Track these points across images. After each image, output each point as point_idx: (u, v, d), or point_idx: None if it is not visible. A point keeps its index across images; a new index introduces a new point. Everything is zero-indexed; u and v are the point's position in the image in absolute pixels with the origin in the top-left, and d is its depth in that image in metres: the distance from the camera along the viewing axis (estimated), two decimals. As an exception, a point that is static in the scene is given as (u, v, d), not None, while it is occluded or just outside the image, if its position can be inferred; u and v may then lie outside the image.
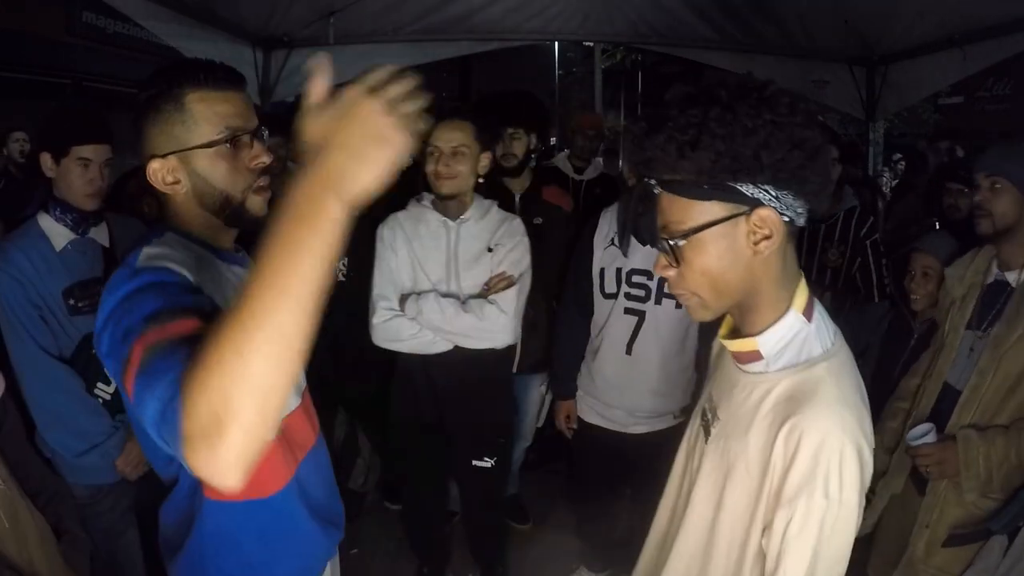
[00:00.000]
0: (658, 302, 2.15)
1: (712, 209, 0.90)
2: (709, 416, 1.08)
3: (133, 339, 0.87)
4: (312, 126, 0.71)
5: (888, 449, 2.03)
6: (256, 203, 1.13)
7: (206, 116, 1.07)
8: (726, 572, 1.00)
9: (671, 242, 0.93)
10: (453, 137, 2.05)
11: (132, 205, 2.41)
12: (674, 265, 0.95)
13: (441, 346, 2.11)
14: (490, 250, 2.15)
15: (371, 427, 2.83)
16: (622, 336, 2.20)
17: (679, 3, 3.66)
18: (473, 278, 2.14)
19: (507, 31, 4.02)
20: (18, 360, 1.77)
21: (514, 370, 2.68)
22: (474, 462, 2.29)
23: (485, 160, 2.12)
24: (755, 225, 0.90)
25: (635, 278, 2.18)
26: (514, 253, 2.16)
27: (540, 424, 2.97)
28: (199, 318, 0.88)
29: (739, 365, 1.02)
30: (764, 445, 0.93)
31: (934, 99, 10.03)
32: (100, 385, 1.86)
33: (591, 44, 14.15)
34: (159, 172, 1.09)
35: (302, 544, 1.27)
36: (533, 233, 2.30)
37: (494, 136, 2.31)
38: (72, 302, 1.83)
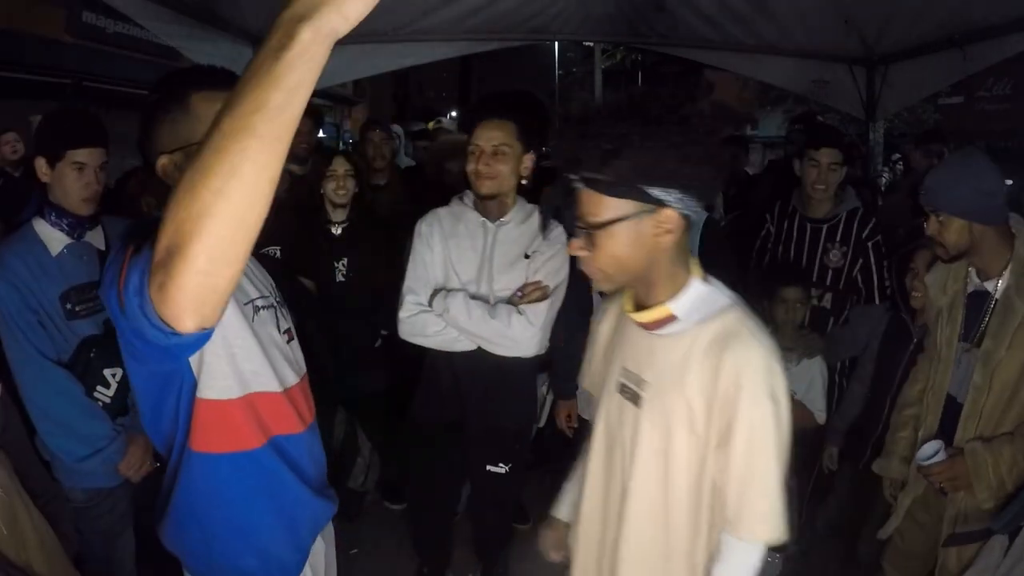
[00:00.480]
0: None
1: (624, 206, 1.08)
2: (633, 386, 1.24)
3: (127, 250, 0.92)
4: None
5: (904, 459, 2.03)
6: None
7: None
8: (691, 510, 1.17)
9: (587, 230, 1.10)
10: (494, 136, 2.01)
11: (132, 204, 2.41)
12: (588, 249, 1.12)
13: (464, 344, 2.09)
14: (527, 256, 2.11)
15: (372, 426, 2.83)
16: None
17: (679, 3, 3.66)
18: (507, 282, 2.10)
19: (507, 31, 4.02)
20: (17, 365, 1.76)
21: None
22: (488, 467, 2.27)
23: (528, 161, 2.07)
24: (660, 221, 1.09)
25: None
26: (552, 262, 2.11)
27: (541, 424, 2.97)
28: None
29: (654, 332, 1.20)
30: (708, 382, 1.12)
31: (934, 99, 10.04)
32: (99, 389, 1.86)
33: (591, 44, 14.15)
34: (167, 167, 1.17)
35: (285, 504, 1.30)
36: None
37: (539, 136, 2.27)
38: (69, 306, 1.83)
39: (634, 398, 1.23)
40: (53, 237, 1.85)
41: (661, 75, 16.26)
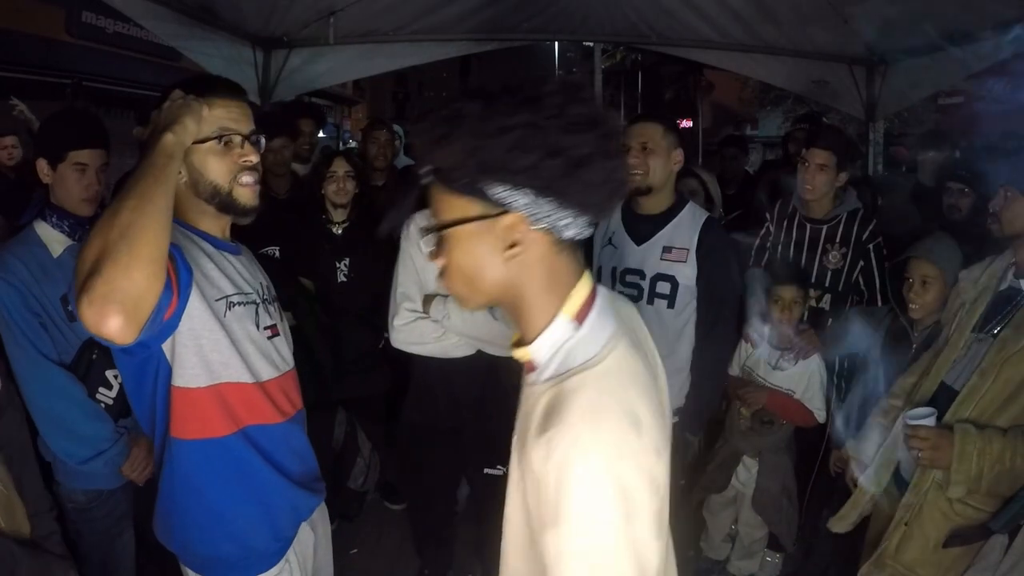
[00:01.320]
0: (650, 302, 2.14)
1: (466, 207, 0.86)
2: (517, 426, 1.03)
3: None
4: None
5: (877, 444, 2.01)
6: (243, 194, 1.34)
7: (209, 119, 1.29)
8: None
9: (431, 232, 0.91)
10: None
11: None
12: (440, 256, 0.92)
13: (464, 350, 2.07)
14: None
15: (372, 426, 2.83)
16: None
17: (679, 3, 3.66)
18: None
19: (507, 31, 4.02)
20: (19, 367, 1.76)
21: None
22: (486, 470, 2.26)
23: None
24: (499, 232, 0.86)
25: (628, 277, 2.18)
26: None
27: None
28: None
29: (526, 375, 0.97)
30: (534, 459, 0.84)
31: (934, 99, 10.04)
32: (102, 390, 1.86)
33: (591, 44, 14.15)
34: None
35: (260, 492, 1.35)
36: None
37: None
38: (71, 308, 1.83)
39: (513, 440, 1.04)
40: (54, 239, 1.85)
41: (661, 75, 16.26)
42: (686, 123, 12.92)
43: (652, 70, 16.77)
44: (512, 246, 0.86)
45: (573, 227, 0.87)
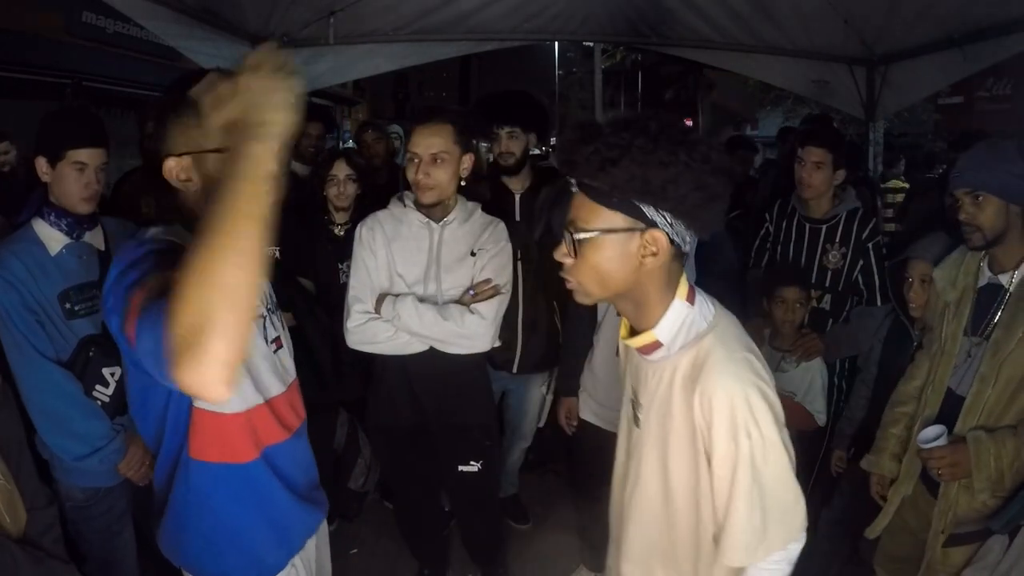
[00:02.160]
0: None
1: (614, 219, 1.07)
2: (635, 406, 1.26)
3: (135, 290, 1.01)
4: (220, 114, 0.92)
5: (894, 455, 2.02)
6: None
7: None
8: (688, 528, 1.18)
9: (575, 236, 1.09)
10: (432, 143, 1.98)
11: (128, 205, 2.40)
12: (572, 256, 1.11)
13: (417, 347, 2.07)
14: (473, 254, 2.10)
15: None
16: (615, 337, 2.19)
17: (679, 3, 3.66)
18: (453, 281, 2.10)
19: (507, 31, 4.02)
20: (16, 365, 1.77)
21: (514, 370, 2.68)
22: (460, 467, 2.26)
23: (467, 162, 2.05)
24: (647, 242, 1.07)
25: None
26: (498, 259, 2.12)
27: (541, 424, 2.97)
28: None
29: (645, 357, 1.19)
30: (686, 415, 1.12)
31: (934, 99, 10.04)
32: (98, 388, 1.86)
33: (591, 44, 14.15)
34: (174, 170, 1.19)
35: (276, 514, 1.34)
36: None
37: (478, 135, 2.24)
38: (68, 306, 1.83)
39: (635, 419, 1.26)
40: (52, 237, 1.85)
41: (661, 75, 16.28)
42: (686, 123, 12.92)
43: (652, 70, 16.79)
44: (652, 255, 1.07)
45: (689, 244, 1.11)
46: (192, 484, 1.26)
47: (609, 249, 1.08)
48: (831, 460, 2.52)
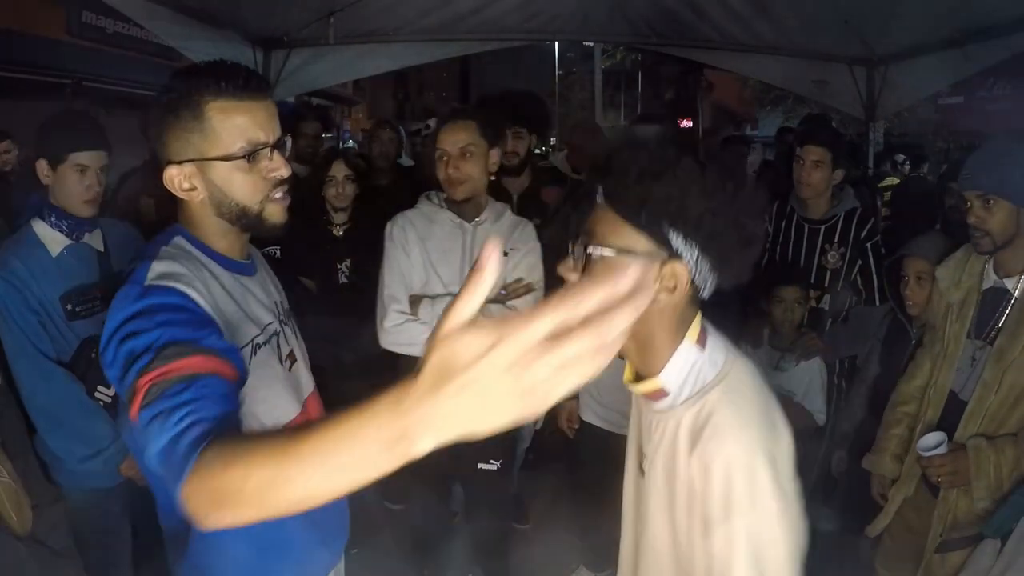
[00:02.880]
0: None
1: (637, 240, 0.95)
2: (640, 455, 1.13)
3: (138, 370, 0.90)
4: (443, 348, 0.54)
5: (896, 456, 2.02)
6: (274, 212, 1.14)
7: (226, 128, 1.06)
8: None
9: (587, 249, 0.96)
10: (459, 138, 2.00)
11: (127, 207, 2.41)
12: (579, 272, 0.98)
13: None
14: (505, 254, 2.12)
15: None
16: None
17: (679, 3, 3.66)
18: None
19: (507, 31, 4.02)
20: (18, 365, 1.77)
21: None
22: (480, 466, 2.26)
23: (495, 157, 2.07)
24: (665, 274, 0.94)
25: None
26: (529, 258, 2.13)
27: (539, 427, 2.97)
28: (205, 355, 0.92)
29: (651, 404, 1.06)
30: (685, 475, 0.98)
31: (934, 99, 10.03)
32: (101, 388, 1.86)
33: (591, 44, 14.15)
34: (176, 178, 1.08)
35: (299, 554, 1.25)
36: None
37: (500, 132, 2.26)
38: (70, 307, 1.83)
39: (641, 468, 1.15)
40: (53, 238, 1.85)
41: (661, 75, 16.27)
42: (686, 123, 12.93)
43: (652, 70, 16.78)
44: (668, 291, 0.95)
45: (710, 289, 0.99)
46: (209, 539, 1.12)
47: None
48: (831, 460, 2.52)
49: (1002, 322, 1.72)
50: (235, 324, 1.10)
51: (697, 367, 1.01)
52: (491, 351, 0.50)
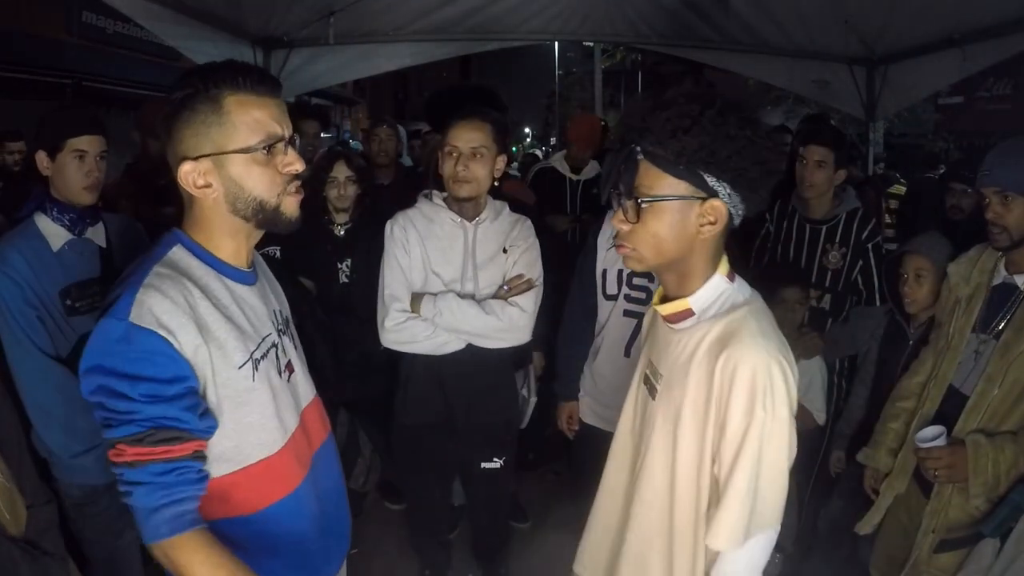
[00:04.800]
0: None
1: (678, 186, 1.10)
2: (652, 378, 1.26)
3: (126, 437, 1.03)
4: None
5: (891, 450, 2.02)
6: (290, 205, 1.14)
7: (245, 121, 1.07)
8: (689, 498, 1.17)
9: (638, 201, 1.11)
10: (473, 138, 1.99)
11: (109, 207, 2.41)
12: (632, 221, 1.13)
13: (454, 346, 2.08)
14: (505, 251, 2.13)
15: (373, 427, 2.82)
16: (621, 338, 2.19)
17: (679, 3, 3.66)
18: (488, 278, 2.12)
19: (507, 31, 4.02)
20: (15, 360, 1.77)
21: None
22: (483, 464, 2.26)
23: (501, 163, 2.07)
24: (707, 211, 1.10)
25: (636, 280, 2.17)
26: (528, 255, 2.15)
27: (523, 426, 2.94)
28: (195, 441, 1.06)
29: (671, 325, 1.21)
30: (704, 380, 1.12)
31: (934, 99, 10.04)
32: (98, 385, 1.86)
33: (591, 44, 14.15)
34: (190, 175, 1.08)
35: (317, 562, 1.26)
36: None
37: (510, 138, 2.27)
38: (69, 303, 1.83)
39: (651, 390, 1.26)
40: (54, 233, 1.85)
41: (661, 75, 16.28)
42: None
43: (652, 70, 16.78)
44: (710, 224, 1.11)
45: (739, 218, 1.14)
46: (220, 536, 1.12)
47: (670, 216, 1.10)
48: (830, 460, 2.53)
49: (1009, 317, 1.71)
50: (231, 342, 1.10)
51: (725, 295, 1.17)
52: None
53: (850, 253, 2.56)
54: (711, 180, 1.09)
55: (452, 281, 2.10)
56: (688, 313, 1.18)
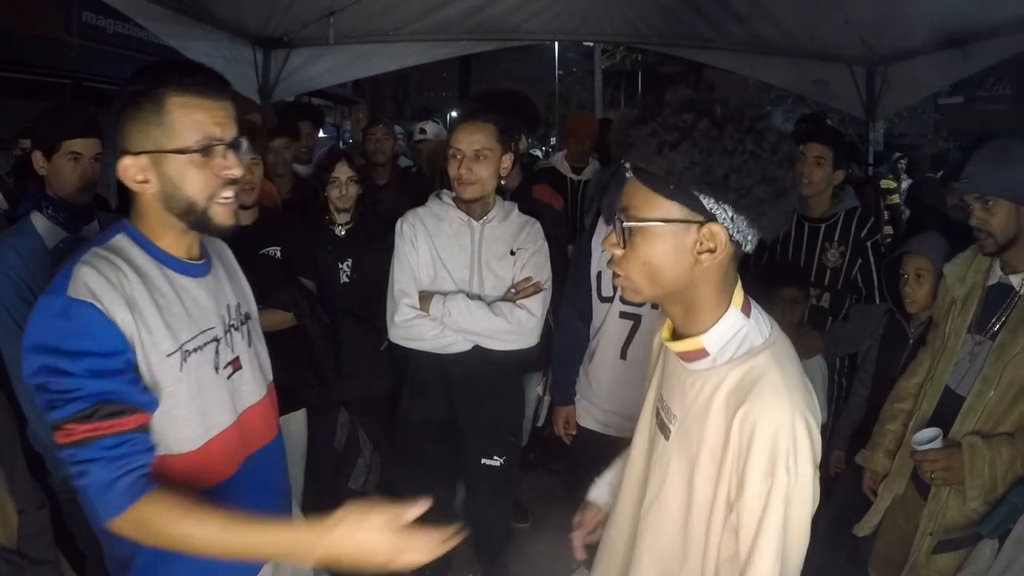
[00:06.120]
0: (654, 306, 2.14)
1: (670, 208, 0.96)
2: (664, 416, 1.14)
3: (72, 415, 1.02)
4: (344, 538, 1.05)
5: (889, 452, 2.01)
6: (220, 213, 1.14)
7: (184, 122, 1.09)
8: (700, 550, 1.07)
9: (625, 224, 0.99)
10: (475, 140, 2.01)
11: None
12: (621, 246, 1.01)
13: (461, 346, 2.09)
14: (513, 253, 2.13)
15: (373, 427, 2.82)
16: (617, 340, 2.17)
17: (679, 3, 3.66)
18: (495, 279, 2.13)
19: (507, 31, 4.03)
20: (10, 356, 1.78)
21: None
22: (483, 461, 2.27)
23: (507, 161, 2.08)
24: (704, 237, 0.96)
25: None
26: (537, 257, 2.15)
27: (540, 424, 2.96)
28: (139, 413, 1.07)
29: (685, 364, 1.08)
30: (721, 433, 1.00)
31: (934, 99, 10.05)
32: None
33: (591, 44, 14.15)
34: (130, 169, 1.10)
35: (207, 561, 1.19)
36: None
37: (515, 136, 2.27)
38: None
39: (663, 428, 1.15)
40: (50, 230, 1.88)
41: (661, 75, 16.28)
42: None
43: (652, 70, 16.79)
44: (709, 251, 0.97)
45: (751, 243, 1.00)
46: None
47: (663, 242, 0.97)
48: (830, 460, 2.53)
49: (1005, 318, 1.71)
50: (159, 329, 1.10)
51: (742, 333, 1.03)
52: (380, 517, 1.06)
53: (849, 251, 2.56)
54: (708, 202, 0.95)
55: (461, 281, 2.11)
56: (703, 353, 1.04)
